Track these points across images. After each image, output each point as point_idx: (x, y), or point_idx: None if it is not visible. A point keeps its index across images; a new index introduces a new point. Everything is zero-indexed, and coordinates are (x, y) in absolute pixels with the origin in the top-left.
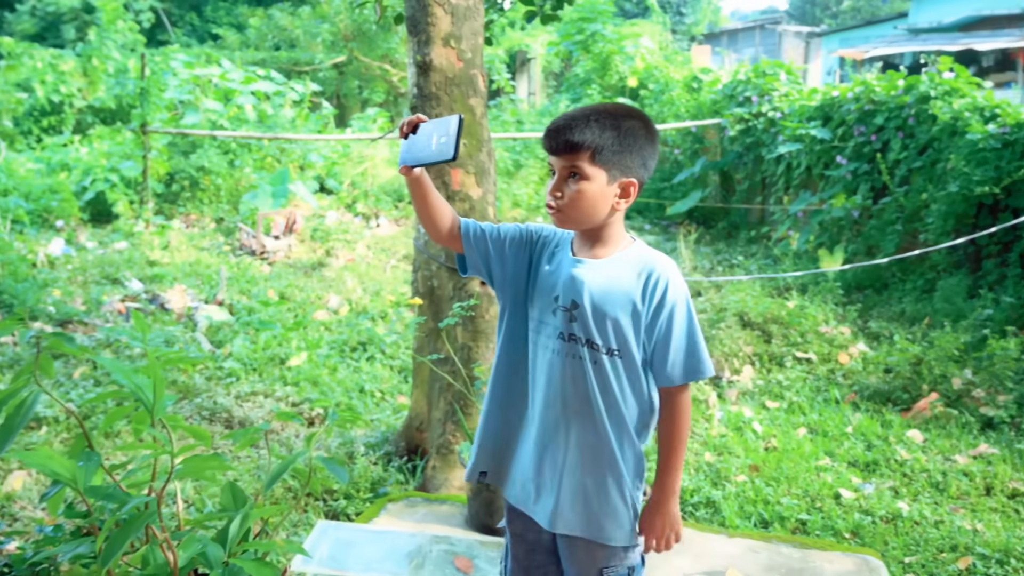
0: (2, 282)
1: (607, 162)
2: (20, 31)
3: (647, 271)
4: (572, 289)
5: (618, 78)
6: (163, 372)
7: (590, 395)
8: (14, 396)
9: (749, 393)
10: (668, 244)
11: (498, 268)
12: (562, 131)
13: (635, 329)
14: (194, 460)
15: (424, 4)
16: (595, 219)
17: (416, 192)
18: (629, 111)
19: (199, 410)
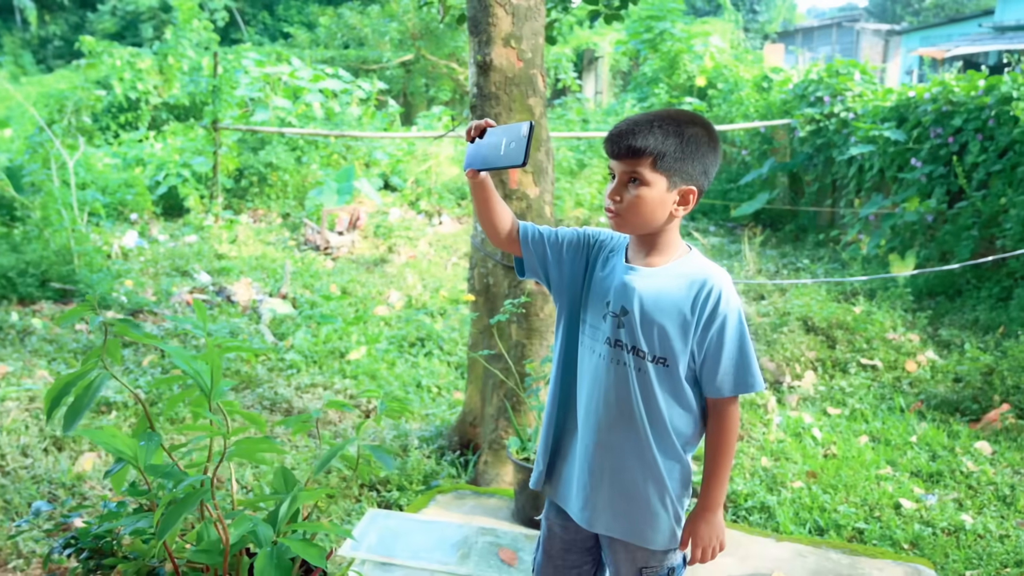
0: (78, 272)
1: (668, 169)
2: (101, 30)
3: (700, 282)
4: (623, 295)
5: (686, 77)
6: (227, 363)
7: (632, 402)
8: (83, 378)
9: (810, 399)
10: (733, 246)
11: (555, 272)
12: (624, 136)
13: (684, 339)
14: (246, 442)
15: (485, 4)
16: (653, 225)
17: (479, 195)
18: (693, 118)
19: (260, 399)
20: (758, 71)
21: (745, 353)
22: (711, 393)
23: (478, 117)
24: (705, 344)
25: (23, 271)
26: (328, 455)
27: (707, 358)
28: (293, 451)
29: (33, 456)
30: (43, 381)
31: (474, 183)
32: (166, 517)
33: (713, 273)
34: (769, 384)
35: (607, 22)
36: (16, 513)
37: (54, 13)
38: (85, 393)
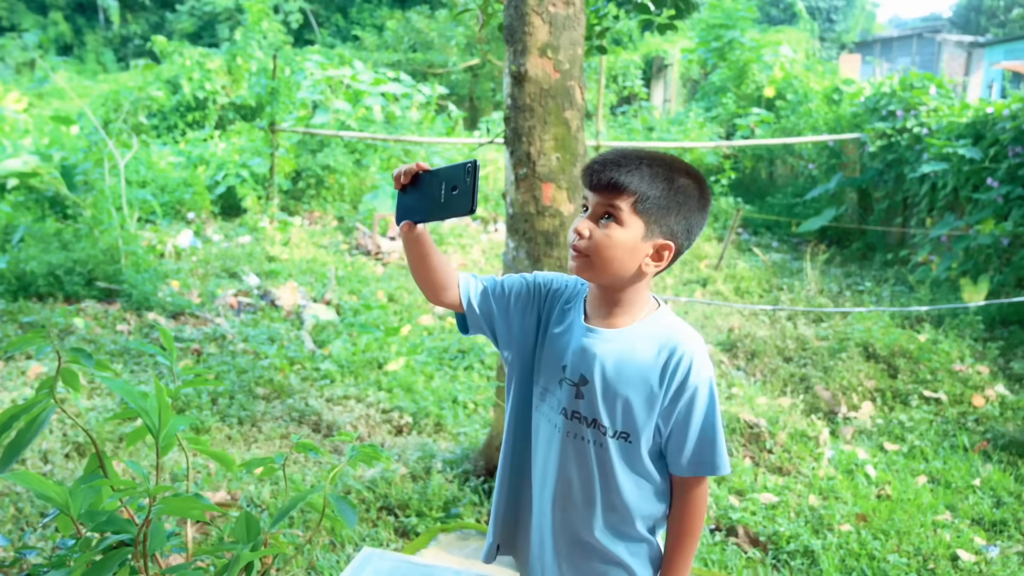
0: (124, 272)
1: (649, 214)
2: (180, 30)
3: (670, 348)
4: (582, 362)
5: (754, 87)
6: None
7: (592, 480)
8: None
9: (866, 432)
10: (795, 263)
11: (502, 327)
12: (609, 166)
13: (649, 412)
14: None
15: (522, 13)
16: (618, 274)
17: (414, 251)
18: (687, 168)
19: (290, 411)
20: (829, 82)
21: (712, 430)
22: (676, 471)
23: (512, 129)
24: (672, 418)
25: (70, 269)
26: (289, 505)
27: (673, 433)
28: (315, 467)
29: (54, 462)
30: None
31: (408, 237)
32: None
33: (684, 338)
34: (823, 414)
35: (660, 32)
36: (26, 523)
37: (135, 12)
38: (28, 428)
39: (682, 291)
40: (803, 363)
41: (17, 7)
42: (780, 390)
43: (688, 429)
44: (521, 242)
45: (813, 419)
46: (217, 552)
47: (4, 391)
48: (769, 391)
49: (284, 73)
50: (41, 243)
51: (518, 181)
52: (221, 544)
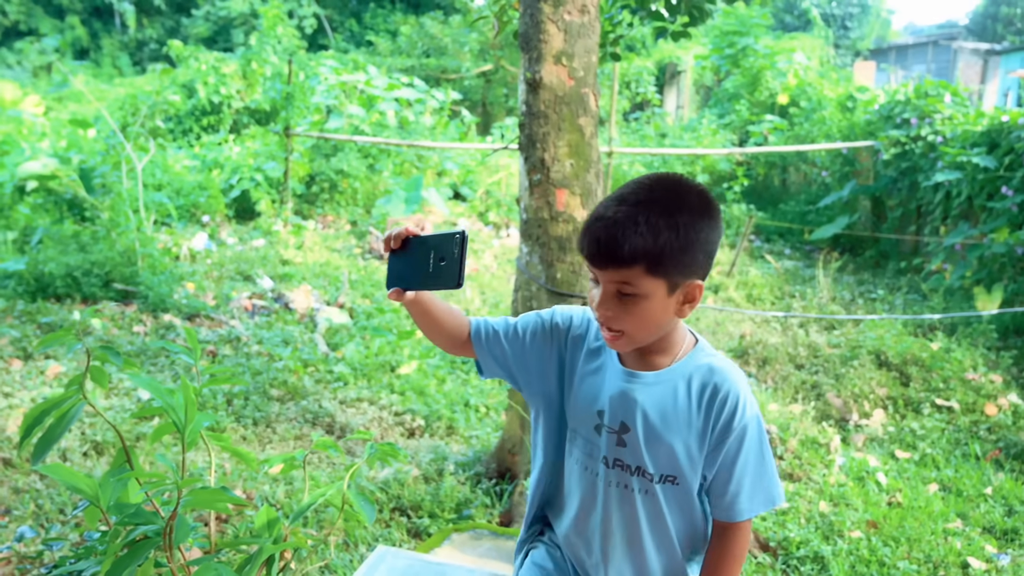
0: (141, 274)
1: (666, 273)
2: (195, 34)
3: (712, 385)
4: (622, 409)
5: (768, 94)
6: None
7: (639, 527)
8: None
9: (878, 440)
10: (808, 271)
11: (520, 370)
12: (607, 244)
13: (693, 457)
14: (201, 493)
15: (537, 20)
16: (659, 334)
17: (414, 313)
18: (682, 196)
19: (304, 412)
20: (843, 90)
21: (765, 469)
22: (720, 515)
23: (526, 136)
24: (718, 461)
25: (88, 271)
26: (308, 502)
27: (719, 476)
28: (330, 468)
29: (72, 460)
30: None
31: (407, 303)
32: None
33: (728, 375)
34: (835, 421)
35: (674, 39)
36: (46, 519)
37: (151, 17)
38: (59, 423)
39: None
40: (815, 370)
41: (35, 11)
42: (791, 397)
43: (735, 472)
44: (535, 247)
45: (824, 426)
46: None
47: (24, 390)
48: (780, 398)
49: (298, 78)
50: (59, 245)
51: (532, 187)
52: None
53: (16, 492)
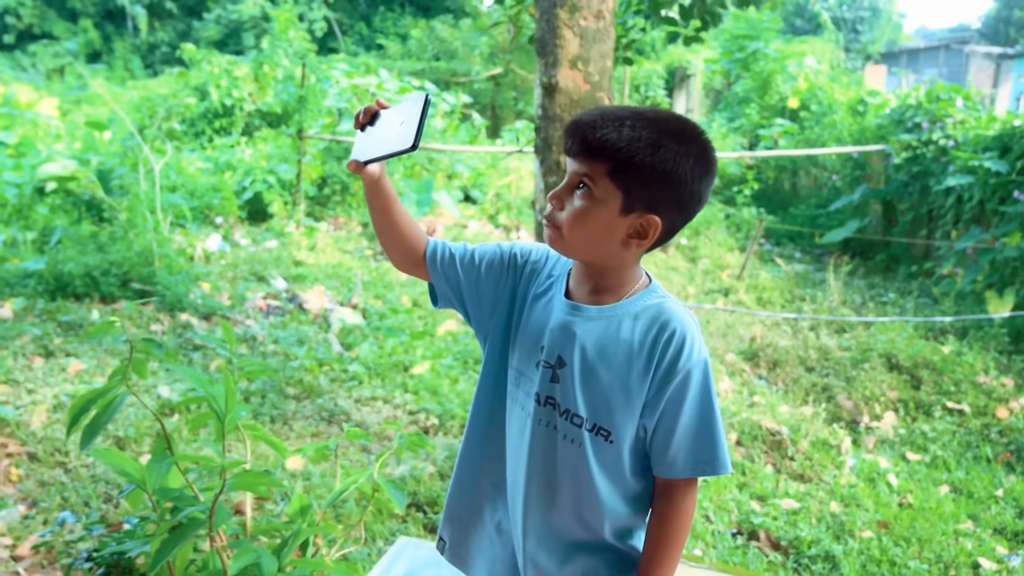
0: (158, 274)
1: (628, 185)
2: (206, 37)
3: (659, 324)
4: (561, 341)
5: (778, 98)
6: (291, 371)
7: (560, 478)
8: (105, 395)
9: (888, 442)
10: (818, 274)
11: (472, 299)
12: (583, 128)
13: (632, 403)
14: (245, 475)
15: (553, 26)
16: (595, 252)
17: (375, 200)
18: (683, 129)
19: (320, 410)
20: (854, 94)
21: (709, 423)
22: (661, 472)
23: (542, 139)
24: (659, 408)
25: (106, 271)
26: (341, 488)
27: (660, 426)
28: (349, 464)
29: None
30: None
31: (367, 182)
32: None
33: (678, 316)
34: (845, 423)
35: (686, 44)
36: (72, 511)
37: (163, 20)
38: (104, 411)
39: (704, 300)
40: (825, 373)
41: (48, 15)
42: (802, 399)
43: (678, 421)
44: None
45: (835, 428)
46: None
47: (47, 387)
48: (791, 400)
49: (310, 81)
50: (78, 245)
51: (548, 189)
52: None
53: (42, 485)
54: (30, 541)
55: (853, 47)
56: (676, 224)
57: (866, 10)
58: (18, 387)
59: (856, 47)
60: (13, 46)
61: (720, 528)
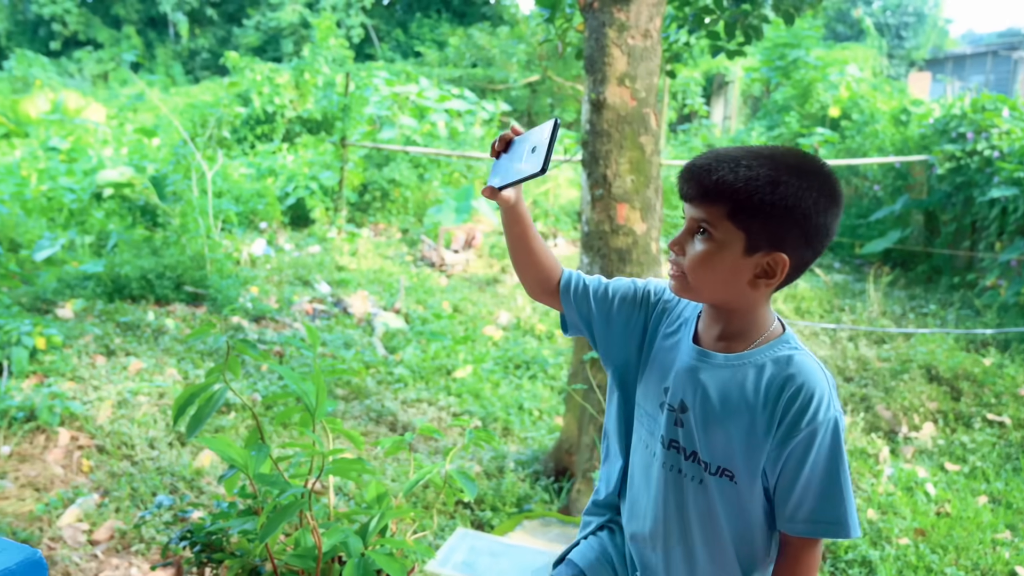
0: (210, 277)
1: (749, 225)
2: (245, 44)
3: (786, 377)
4: (685, 386)
5: (819, 106)
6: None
7: (689, 518)
8: (206, 390)
9: (927, 452)
10: (858, 285)
11: (602, 332)
12: (698, 172)
13: (752, 450)
14: (342, 462)
15: (602, 45)
16: (721, 296)
17: (511, 226)
18: (802, 163)
19: (368, 411)
20: (896, 103)
21: (835, 484)
22: (782, 526)
23: (589, 153)
24: (780, 462)
25: (161, 274)
26: (417, 478)
27: (781, 480)
28: (395, 463)
29: (159, 449)
30: (172, 379)
31: (504, 208)
32: (268, 523)
33: (807, 369)
34: (884, 433)
35: (729, 58)
36: (140, 501)
37: (204, 27)
38: (207, 404)
39: None
40: (864, 383)
41: (93, 22)
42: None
43: (798, 479)
44: (595, 258)
45: (873, 437)
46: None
47: (110, 384)
48: None
49: (351, 89)
50: (133, 249)
51: (594, 201)
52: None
53: (112, 476)
54: (107, 526)
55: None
56: (805, 259)
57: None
58: (84, 384)
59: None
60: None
61: None
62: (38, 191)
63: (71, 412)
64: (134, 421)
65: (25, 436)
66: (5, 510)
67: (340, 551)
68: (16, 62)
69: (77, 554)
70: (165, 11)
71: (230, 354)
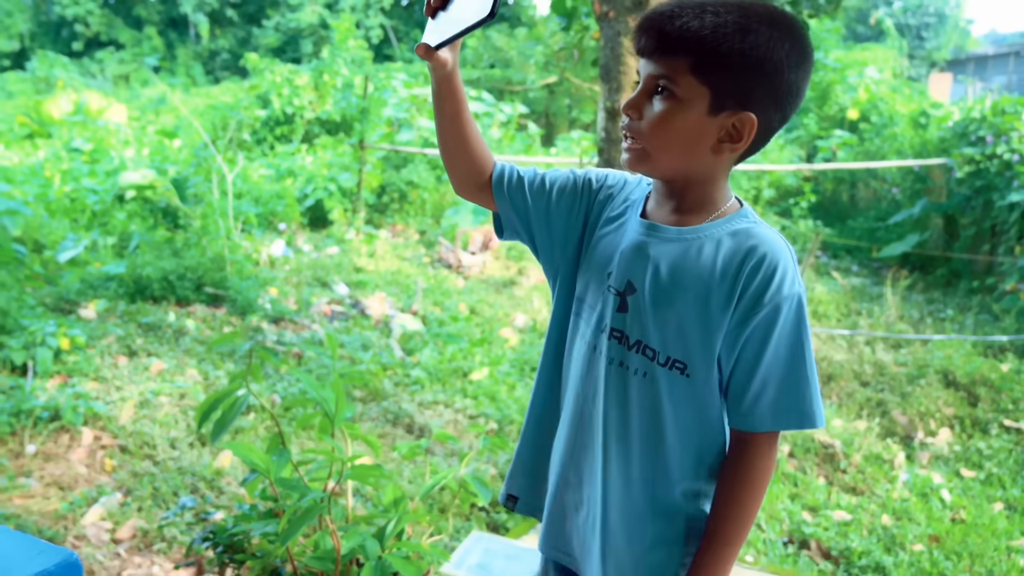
0: (229, 279)
1: (715, 79)
2: (265, 44)
3: (745, 251)
4: (632, 265)
5: (837, 109)
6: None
7: (631, 420)
8: (229, 396)
9: (943, 458)
10: (875, 288)
11: (541, 228)
12: (659, 20)
13: (710, 335)
14: (361, 468)
15: (617, 54)
16: (681, 164)
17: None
18: (773, 13)
19: (385, 412)
20: (915, 106)
21: (798, 367)
22: (737, 422)
23: (604, 161)
24: (739, 344)
25: (182, 275)
26: (432, 483)
27: (739, 366)
28: (412, 464)
29: (180, 449)
30: (192, 380)
31: (438, 77)
32: (289, 526)
33: (769, 241)
34: (899, 439)
35: None
36: (162, 500)
37: (224, 28)
38: (230, 409)
39: None
40: (880, 388)
41: (115, 22)
42: (856, 413)
43: (761, 361)
44: None
45: (889, 443)
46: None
47: (132, 384)
48: (845, 414)
49: (368, 89)
50: (154, 250)
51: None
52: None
53: (134, 475)
54: (129, 525)
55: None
56: (773, 122)
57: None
58: (107, 384)
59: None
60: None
61: (771, 536)
62: (61, 192)
63: (94, 412)
64: (156, 421)
65: (50, 435)
66: (32, 508)
67: (358, 554)
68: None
69: (101, 552)
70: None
71: (252, 360)
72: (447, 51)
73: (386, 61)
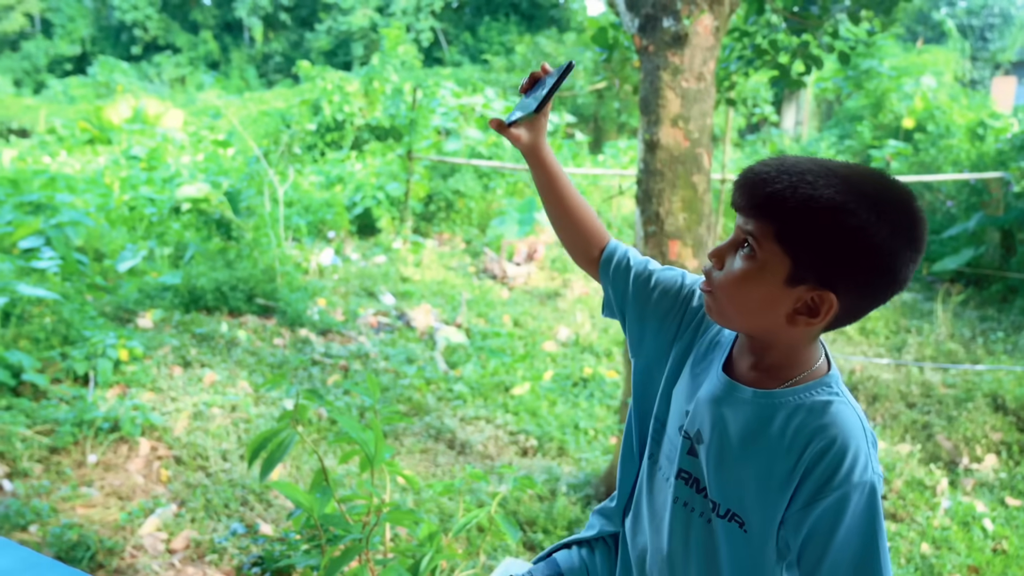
0: (279, 290)
1: (798, 251)
2: (316, 48)
3: (818, 430)
4: (704, 416)
5: (892, 117)
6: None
7: (690, 557)
8: (276, 436)
9: (988, 485)
10: (926, 304)
11: (634, 319)
12: (752, 180)
13: (769, 505)
14: (396, 513)
15: (656, 87)
16: (752, 326)
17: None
18: (882, 193)
19: (427, 428)
20: (973, 115)
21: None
22: None
23: (643, 191)
24: (804, 529)
25: (234, 286)
26: (464, 521)
27: (807, 551)
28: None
29: (231, 461)
30: (243, 392)
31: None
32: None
33: (842, 421)
34: (943, 464)
35: (790, 87)
36: (214, 512)
37: (277, 31)
38: (277, 450)
39: None
40: (926, 410)
41: (172, 27)
42: (900, 436)
43: (829, 551)
44: None
45: (932, 468)
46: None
47: (187, 395)
48: (888, 437)
49: (416, 96)
50: (208, 261)
51: (647, 237)
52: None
53: (188, 487)
54: (183, 536)
55: (981, 56)
56: (860, 306)
57: (996, 16)
58: (163, 395)
59: (984, 56)
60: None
61: None
62: (120, 200)
63: (151, 423)
64: (208, 433)
65: (110, 446)
66: (93, 518)
67: None
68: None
69: (157, 562)
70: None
71: (298, 401)
72: (524, 128)
73: (436, 64)
